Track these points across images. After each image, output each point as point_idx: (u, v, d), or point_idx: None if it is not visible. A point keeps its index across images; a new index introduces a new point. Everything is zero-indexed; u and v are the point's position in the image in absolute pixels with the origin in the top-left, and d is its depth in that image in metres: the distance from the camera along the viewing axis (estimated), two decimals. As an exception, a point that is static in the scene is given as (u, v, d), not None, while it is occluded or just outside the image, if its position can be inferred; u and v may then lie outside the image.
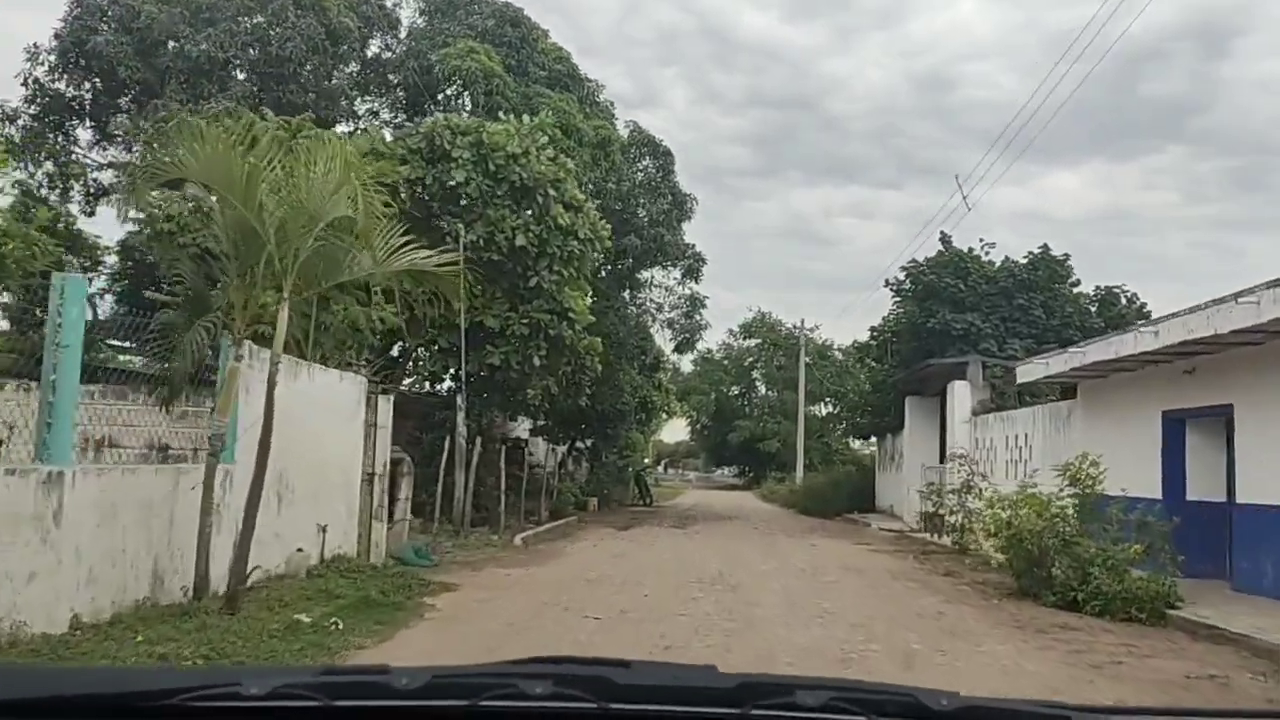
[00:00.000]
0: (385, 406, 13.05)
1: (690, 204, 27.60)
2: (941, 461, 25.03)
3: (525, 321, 19.10)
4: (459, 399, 18.20)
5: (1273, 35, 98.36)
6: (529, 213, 19.22)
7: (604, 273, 28.14)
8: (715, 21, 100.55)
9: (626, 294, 27.89)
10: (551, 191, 19.33)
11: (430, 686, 1.42)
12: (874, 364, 31.36)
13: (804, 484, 37.21)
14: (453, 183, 18.44)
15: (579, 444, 34.03)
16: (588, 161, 23.92)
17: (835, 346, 63.05)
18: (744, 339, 66.78)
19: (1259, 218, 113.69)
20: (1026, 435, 19.47)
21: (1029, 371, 16.41)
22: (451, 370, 20.70)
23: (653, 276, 29.50)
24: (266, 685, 1.40)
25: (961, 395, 22.70)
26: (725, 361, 66.79)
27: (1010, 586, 12.88)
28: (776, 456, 58.41)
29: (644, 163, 27.23)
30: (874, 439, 38.83)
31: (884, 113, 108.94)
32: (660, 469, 72.22)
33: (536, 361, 19.19)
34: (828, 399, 62.30)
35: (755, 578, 13.46)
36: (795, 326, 62.09)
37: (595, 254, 20.95)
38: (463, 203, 18.97)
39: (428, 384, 21.98)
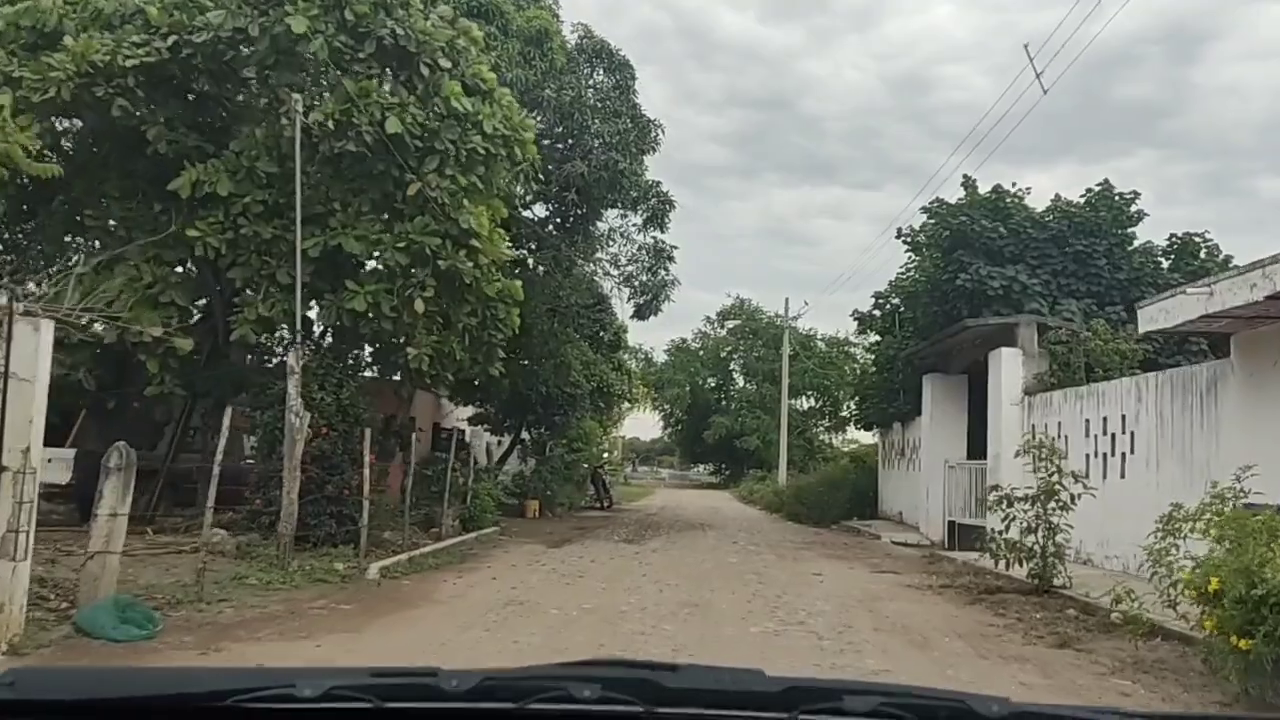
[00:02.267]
0: (34, 339, 6.65)
1: (655, 132, 21.29)
2: (972, 456, 18.91)
3: (402, 247, 12.75)
4: (291, 358, 11.80)
5: (1241, 41, 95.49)
6: (409, 90, 12.90)
7: (551, 226, 21.91)
8: (693, 21, 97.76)
9: (575, 246, 21.47)
10: (444, 63, 12.99)
11: (479, 689, 1.40)
12: (878, 337, 25.14)
13: (793, 485, 30.92)
14: (290, 36, 12.10)
15: (525, 435, 27.77)
16: (516, 58, 17.59)
17: (819, 336, 57.41)
18: (720, 327, 60.81)
19: (1229, 221, 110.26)
20: (1123, 419, 13.30)
21: (1173, 309, 10.15)
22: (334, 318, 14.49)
23: (609, 230, 23.11)
24: (319, 687, 1.38)
25: (1009, 368, 16.52)
26: (701, 352, 60.65)
27: (1204, 670, 6.75)
28: (755, 453, 52.44)
29: (596, 77, 20.92)
30: (873, 432, 32.83)
31: (862, 114, 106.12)
32: (630, 467, 65.92)
33: (420, 307, 12.84)
34: (810, 392, 56.64)
35: (736, 660, 7.17)
36: (777, 315, 56.34)
37: (517, 162, 14.61)
38: (305, 70, 12.65)
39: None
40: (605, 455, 32.29)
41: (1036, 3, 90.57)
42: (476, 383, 25.81)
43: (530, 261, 23.06)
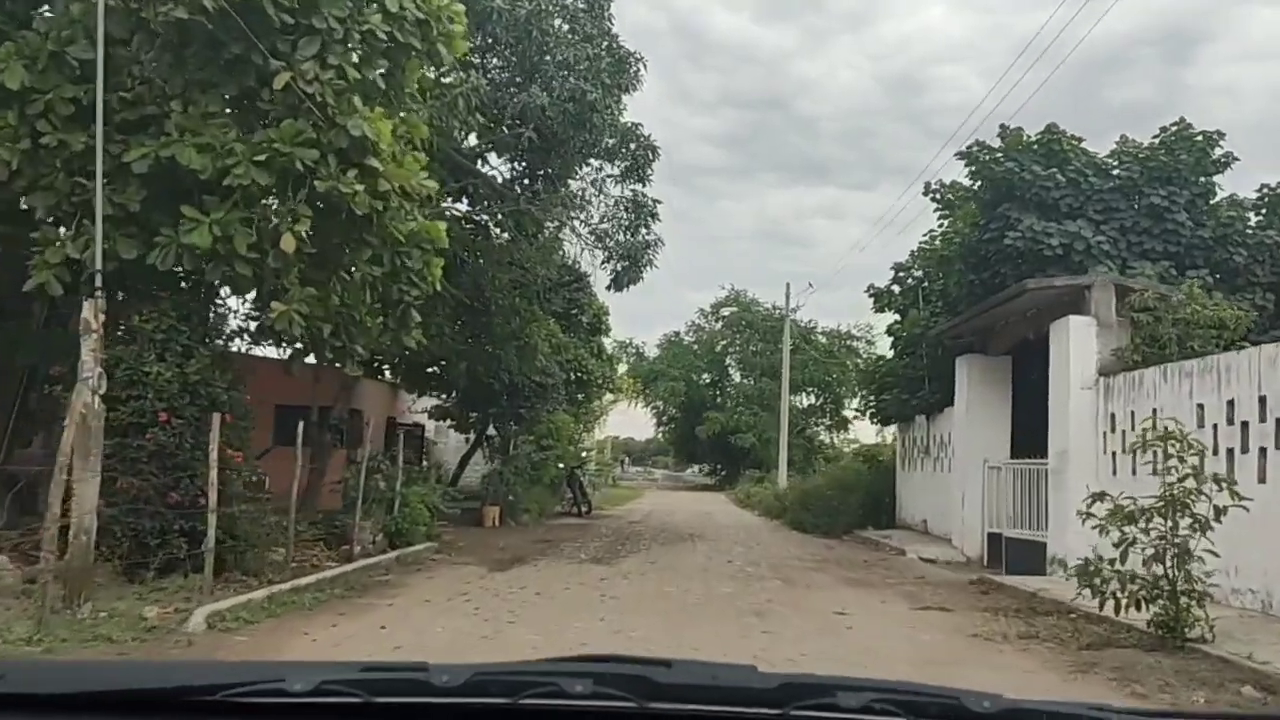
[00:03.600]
0: None
1: (636, 67, 17.64)
2: (1019, 454, 15.33)
3: (262, 161, 9.10)
4: (87, 311, 8.14)
5: (1234, 43, 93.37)
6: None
7: (518, 187, 18.31)
8: (687, 21, 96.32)
9: (541, 204, 17.74)
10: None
11: (471, 684, 1.39)
12: (897, 317, 21.50)
13: (796, 488, 27.17)
14: None
15: (492, 431, 24.13)
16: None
17: (820, 330, 53.97)
18: (716, 320, 57.17)
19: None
20: (1263, 402, 9.67)
21: None
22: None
23: (584, 190, 19.28)
24: (310, 681, 1.37)
25: (1080, 340, 12.93)
26: (695, 346, 56.98)
27: None
28: (752, 453, 48.90)
29: (563, -2, 17.24)
30: (880, 429, 29.26)
31: (856, 115, 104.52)
32: (620, 467, 62.37)
33: (289, 244, 9.17)
34: (810, 388, 53.22)
35: None
36: (774, 306, 52.90)
37: (439, 64, 11.03)
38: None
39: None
40: (585, 454, 28.66)
41: (1029, 3, 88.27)
42: (432, 369, 22.31)
43: (490, 226, 19.50)
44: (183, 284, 10.61)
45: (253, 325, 13.42)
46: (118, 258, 9.13)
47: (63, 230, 9.44)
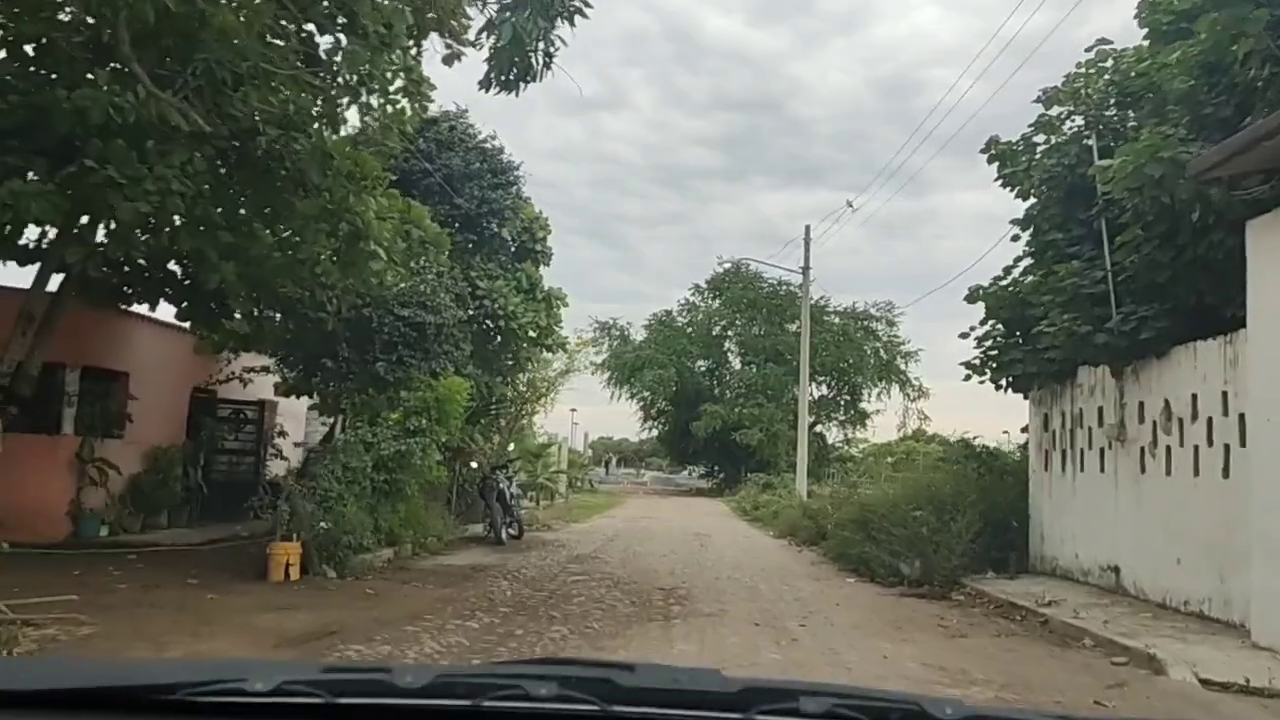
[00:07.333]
0: None
1: None
2: None
3: None
4: None
5: None
6: None
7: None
8: (680, 24, 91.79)
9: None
10: None
11: (434, 685, 1.34)
12: (1033, 202, 11.55)
13: (842, 499, 16.79)
14: None
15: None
16: None
17: (832, 308, 44.53)
18: (713, 297, 47.62)
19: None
20: None
21: None
22: None
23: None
24: (271, 681, 1.31)
25: None
26: (689, 329, 47.36)
27: None
28: (756, 452, 39.29)
29: None
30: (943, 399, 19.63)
31: (849, 117, 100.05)
32: (604, 469, 52.48)
33: None
34: (822, 377, 43.84)
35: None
36: (780, 282, 43.54)
37: None
38: None
39: None
40: (512, 449, 18.64)
41: (1027, 5, 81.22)
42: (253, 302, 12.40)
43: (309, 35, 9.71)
44: None
45: None
46: None
47: None
